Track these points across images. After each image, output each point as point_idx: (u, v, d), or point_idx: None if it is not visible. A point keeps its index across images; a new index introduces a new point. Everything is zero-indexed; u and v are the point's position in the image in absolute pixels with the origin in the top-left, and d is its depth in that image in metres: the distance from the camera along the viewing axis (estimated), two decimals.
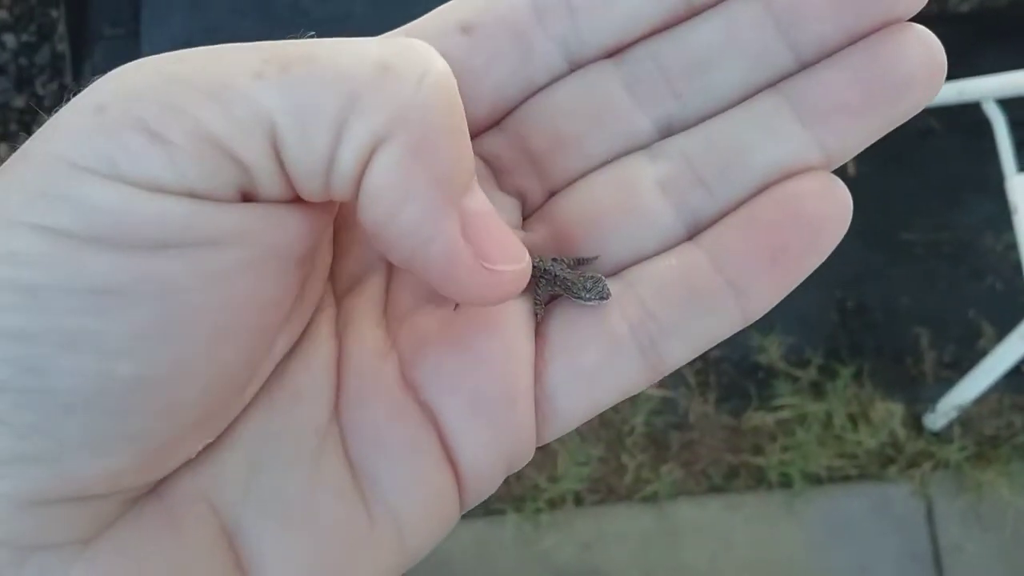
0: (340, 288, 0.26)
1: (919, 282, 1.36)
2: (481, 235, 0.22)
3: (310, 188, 0.21)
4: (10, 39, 1.42)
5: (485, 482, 0.25)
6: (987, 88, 1.13)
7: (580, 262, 0.26)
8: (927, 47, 0.24)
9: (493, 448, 0.24)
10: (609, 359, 0.25)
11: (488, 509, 1.24)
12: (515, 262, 0.23)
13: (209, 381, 0.21)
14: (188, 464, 0.22)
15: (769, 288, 0.24)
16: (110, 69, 0.20)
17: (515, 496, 1.24)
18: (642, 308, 0.25)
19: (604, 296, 0.25)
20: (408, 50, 0.21)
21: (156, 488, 0.22)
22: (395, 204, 0.20)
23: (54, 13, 1.43)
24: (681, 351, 0.25)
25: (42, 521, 0.20)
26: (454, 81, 0.21)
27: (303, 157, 0.20)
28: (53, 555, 0.20)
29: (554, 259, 0.26)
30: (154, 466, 0.21)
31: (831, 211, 0.24)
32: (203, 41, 0.21)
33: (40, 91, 1.42)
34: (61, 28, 1.41)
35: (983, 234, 1.37)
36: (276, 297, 0.22)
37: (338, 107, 0.20)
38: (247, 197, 0.20)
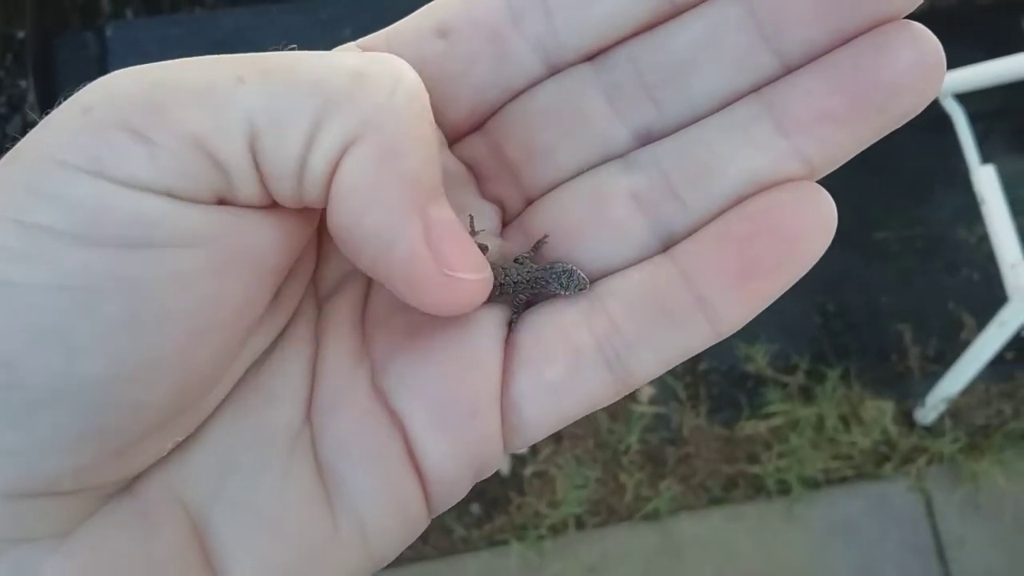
0: (322, 292, 0.26)
1: (897, 280, 1.38)
2: (443, 242, 0.22)
3: (283, 190, 0.21)
4: None
5: (452, 489, 0.24)
6: (946, 84, 1.15)
7: (535, 249, 0.26)
8: (920, 47, 0.23)
9: (457, 456, 0.24)
10: (575, 373, 0.24)
11: (491, 540, 1.24)
12: (476, 272, 0.23)
13: (177, 380, 0.21)
14: (161, 462, 0.22)
15: (740, 304, 0.24)
16: None
17: (517, 525, 1.24)
18: (609, 322, 0.24)
19: (583, 286, 0.25)
20: (383, 60, 0.21)
21: (130, 485, 0.22)
22: (361, 206, 0.21)
23: (23, 83, 1.44)
24: (649, 365, 0.24)
25: (16, 515, 0.20)
26: (426, 92, 0.22)
27: (278, 158, 0.21)
28: (29, 548, 0.20)
29: (515, 260, 0.26)
30: (123, 464, 0.21)
31: (809, 223, 0.23)
32: None
33: None
34: (31, 97, 1.42)
35: (955, 227, 1.39)
36: (248, 301, 0.22)
37: (313, 110, 0.20)
38: (223, 201, 0.21)
